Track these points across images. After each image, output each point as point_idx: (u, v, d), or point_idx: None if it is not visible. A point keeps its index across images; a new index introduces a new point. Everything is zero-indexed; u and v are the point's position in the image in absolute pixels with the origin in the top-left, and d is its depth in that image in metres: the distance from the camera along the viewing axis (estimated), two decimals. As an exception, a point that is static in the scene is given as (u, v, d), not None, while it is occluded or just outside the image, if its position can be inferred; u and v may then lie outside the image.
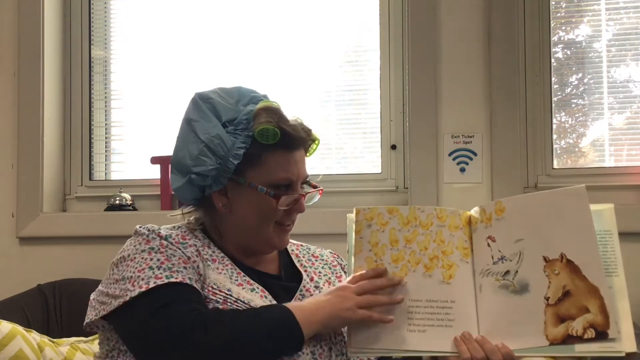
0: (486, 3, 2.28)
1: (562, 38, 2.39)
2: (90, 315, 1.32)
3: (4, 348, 1.57)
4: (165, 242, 1.31)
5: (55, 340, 1.78)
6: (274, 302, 1.34)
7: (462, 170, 2.28)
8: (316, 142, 1.43)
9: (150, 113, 2.62)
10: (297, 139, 1.36)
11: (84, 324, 1.34)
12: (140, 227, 1.37)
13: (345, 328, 1.28)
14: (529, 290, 1.23)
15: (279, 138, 1.32)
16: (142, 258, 1.28)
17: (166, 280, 1.24)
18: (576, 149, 2.38)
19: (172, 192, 2.46)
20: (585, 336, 1.17)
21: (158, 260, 1.27)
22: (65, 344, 1.78)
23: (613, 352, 1.17)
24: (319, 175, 1.48)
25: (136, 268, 1.27)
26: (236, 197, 1.37)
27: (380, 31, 2.44)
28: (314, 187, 1.44)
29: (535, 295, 1.22)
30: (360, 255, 1.30)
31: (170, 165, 1.44)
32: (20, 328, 1.64)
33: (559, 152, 2.37)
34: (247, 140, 1.34)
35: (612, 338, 1.17)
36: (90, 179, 2.64)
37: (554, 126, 2.33)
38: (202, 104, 1.38)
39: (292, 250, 1.52)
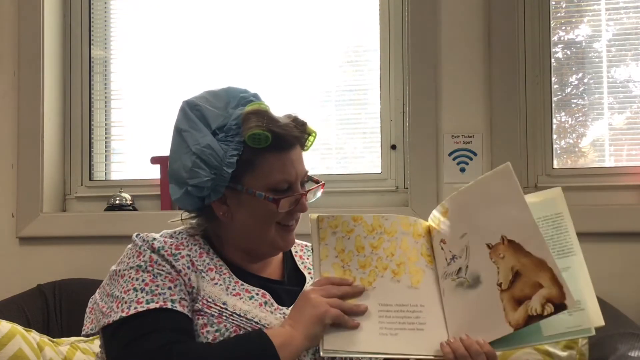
0: (486, 3, 2.28)
1: (562, 38, 2.38)
2: (86, 328, 1.34)
3: (4, 347, 1.57)
4: (155, 257, 1.30)
5: (55, 339, 1.78)
6: (275, 305, 1.33)
7: (462, 170, 2.28)
8: (312, 135, 1.40)
9: (150, 113, 2.62)
10: (290, 139, 1.33)
11: (82, 334, 1.35)
12: (137, 236, 1.35)
13: None
14: (481, 282, 1.23)
15: (271, 141, 1.30)
16: (129, 277, 1.28)
17: (145, 307, 1.23)
18: (576, 149, 2.38)
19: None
20: (545, 312, 1.16)
21: (143, 281, 1.27)
22: (65, 344, 1.78)
23: (584, 332, 1.18)
24: (318, 175, 1.47)
25: (123, 288, 1.27)
26: (236, 204, 1.35)
27: (380, 31, 2.44)
28: (316, 182, 1.42)
29: (488, 285, 1.22)
30: (326, 261, 1.30)
31: (168, 175, 1.42)
32: (19, 328, 1.64)
33: (559, 152, 2.36)
34: (239, 147, 1.31)
35: (571, 307, 1.15)
36: (90, 179, 2.64)
37: (554, 126, 2.33)
38: (190, 112, 1.36)
39: (296, 252, 1.51)
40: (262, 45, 2.54)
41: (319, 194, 1.42)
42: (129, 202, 2.49)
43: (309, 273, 1.45)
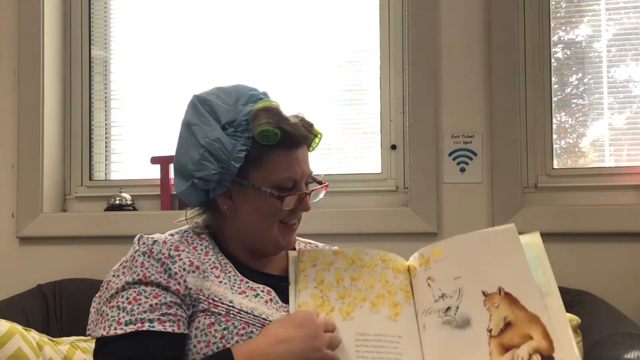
0: (486, 3, 2.28)
1: (562, 38, 2.38)
2: (90, 328, 1.35)
3: (3, 347, 1.56)
4: (146, 264, 1.29)
5: (54, 339, 1.78)
6: (280, 303, 1.33)
7: (462, 170, 2.28)
8: (318, 136, 1.41)
9: (150, 113, 2.62)
10: (298, 138, 1.35)
11: (87, 333, 1.35)
12: (139, 239, 1.35)
13: None
14: (471, 324, 1.24)
15: (280, 138, 1.31)
16: (116, 293, 1.28)
17: (123, 329, 1.23)
18: (576, 149, 2.38)
19: (173, 193, 2.46)
20: None
21: (127, 299, 1.27)
22: (65, 343, 1.78)
23: None
24: (320, 175, 1.47)
25: (109, 303, 1.28)
26: (240, 199, 1.36)
27: (380, 31, 2.44)
28: (319, 182, 1.43)
29: (478, 328, 1.23)
30: (305, 292, 1.32)
31: (172, 169, 1.42)
32: (19, 327, 1.63)
33: (559, 152, 2.37)
34: (248, 143, 1.32)
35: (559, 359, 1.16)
36: (90, 179, 2.64)
37: (554, 126, 2.33)
38: (200, 106, 1.36)
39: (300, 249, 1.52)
40: (262, 46, 2.54)
41: (321, 195, 1.43)
42: (129, 202, 2.49)
43: None
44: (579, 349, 1.64)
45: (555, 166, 2.32)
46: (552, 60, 2.33)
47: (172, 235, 1.38)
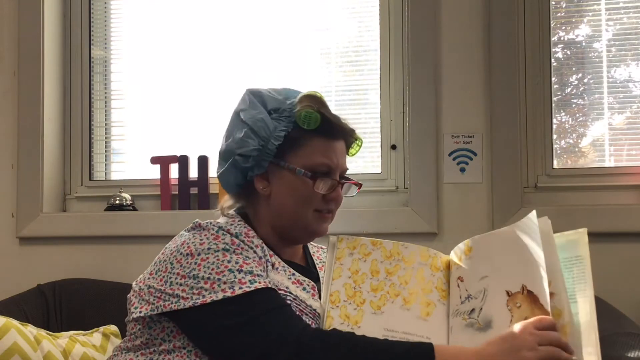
0: (486, 3, 2.28)
1: (562, 38, 2.38)
2: (144, 309, 1.28)
3: (-2, 341, 1.56)
4: (237, 241, 1.29)
5: (53, 333, 1.77)
6: (317, 297, 1.34)
7: (462, 170, 2.28)
8: (358, 141, 1.46)
9: (150, 113, 2.62)
10: (337, 128, 1.39)
11: (132, 317, 1.30)
12: (204, 222, 1.34)
13: None
14: (492, 327, 1.21)
15: (320, 123, 1.35)
16: (217, 259, 1.25)
17: (252, 286, 1.21)
18: (576, 149, 2.38)
19: (173, 193, 2.46)
20: None
21: (236, 262, 1.24)
22: (64, 337, 1.78)
23: None
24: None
25: (212, 269, 1.23)
26: (276, 180, 1.39)
27: (380, 31, 2.44)
28: (354, 182, 1.46)
29: (498, 331, 1.19)
30: (338, 281, 1.31)
31: (218, 157, 1.47)
32: (14, 322, 1.63)
33: (559, 152, 2.36)
34: (289, 125, 1.37)
35: None
36: (90, 179, 2.64)
37: (554, 126, 2.33)
38: (252, 96, 1.42)
39: (314, 252, 1.54)
40: (262, 45, 2.54)
41: (355, 192, 1.46)
42: (129, 202, 2.49)
43: (321, 268, 1.47)
44: None
45: (555, 166, 2.32)
46: (552, 60, 2.33)
47: (231, 225, 1.38)
